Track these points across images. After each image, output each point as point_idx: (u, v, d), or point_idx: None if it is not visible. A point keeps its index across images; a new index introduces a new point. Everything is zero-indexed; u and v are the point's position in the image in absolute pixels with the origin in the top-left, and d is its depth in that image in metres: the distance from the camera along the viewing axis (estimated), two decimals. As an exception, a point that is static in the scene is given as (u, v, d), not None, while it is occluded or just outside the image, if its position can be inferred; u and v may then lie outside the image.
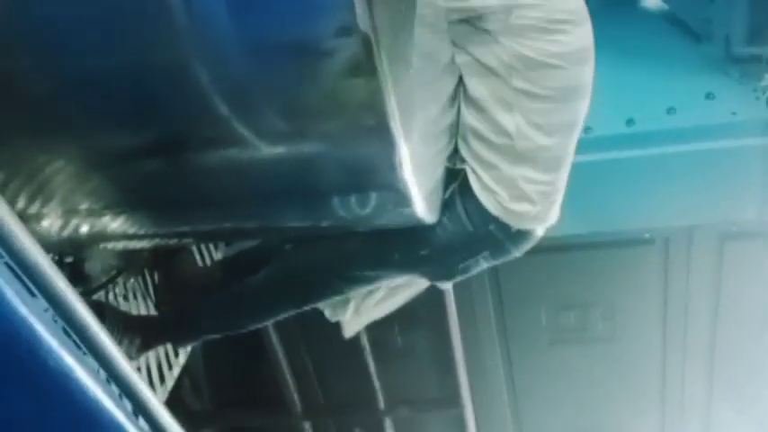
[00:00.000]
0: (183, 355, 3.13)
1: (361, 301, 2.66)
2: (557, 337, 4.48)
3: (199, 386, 4.58)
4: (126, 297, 2.94)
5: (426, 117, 1.84)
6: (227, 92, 1.55)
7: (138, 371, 2.71)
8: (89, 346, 1.30)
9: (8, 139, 1.67)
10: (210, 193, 1.91)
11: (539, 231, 2.33)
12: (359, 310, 2.69)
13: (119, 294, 2.90)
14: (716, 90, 3.41)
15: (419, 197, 1.84)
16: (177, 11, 1.43)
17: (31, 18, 1.48)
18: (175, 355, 3.08)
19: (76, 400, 1.26)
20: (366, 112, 1.57)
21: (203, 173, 1.81)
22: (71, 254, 2.50)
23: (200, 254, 3.35)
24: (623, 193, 3.47)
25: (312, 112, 1.60)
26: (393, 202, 1.85)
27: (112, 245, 2.28)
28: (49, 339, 1.17)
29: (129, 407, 1.40)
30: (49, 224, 1.90)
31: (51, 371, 1.20)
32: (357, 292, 2.57)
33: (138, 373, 1.44)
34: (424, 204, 1.90)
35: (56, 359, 1.19)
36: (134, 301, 2.99)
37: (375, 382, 4.40)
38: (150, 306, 3.03)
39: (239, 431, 4.94)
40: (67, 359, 1.21)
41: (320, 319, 2.70)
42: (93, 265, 2.68)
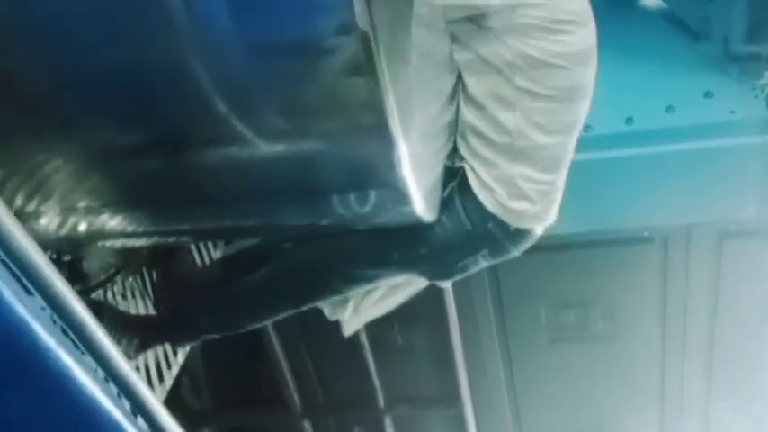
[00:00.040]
0: (182, 355, 3.13)
1: (361, 299, 2.66)
2: (556, 336, 4.48)
3: (198, 385, 4.58)
4: (124, 296, 2.94)
5: (425, 115, 1.84)
6: (225, 90, 1.55)
7: (137, 370, 2.71)
8: (87, 344, 1.29)
9: (6, 136, 1.67)
10: (210, 191, 1.91)
11: (537, 231, 2.33)
12: (358, 308, 2.68)
13: (117, 293, 2.89)
14: (715, 89, 3.41)
15: (418, 195, 1.84)
16: (176, 9, 1.43)
17: (30, 16, 1.48)
18: (174, 354, 3.07)
19: (74, 400, 1.25)
20: (365, 110, 1.56)
21: (202, 171, 1.81)
22: (69, 252, 2.50)
23: (199, 253, 3.35)
24: (622, 192, 3.47)
25: (311, 111, 1.60)
26: (392, 200, 1.85)
27: (111, 243, 2.28)
28: (47, 338, 1.17)
29: (128, 406, 1.39)
30: (47, 222, 1.89)
31: (49, 370, 1.19)
32: (356, 291, 2.56)
33: (137, 373, 1.44)
34: (423, 203, 1.90)
35: (53, 358, 1.18)
36: (132, 300, 2.98)
37: (375, 381, 4.40)
38: (149, 305, 3.03)
39: (239, 430, 4.94)
40: (65, 358, 1.20)
41: (319, 317, 2.70)
42: (92, 263, 2.68)
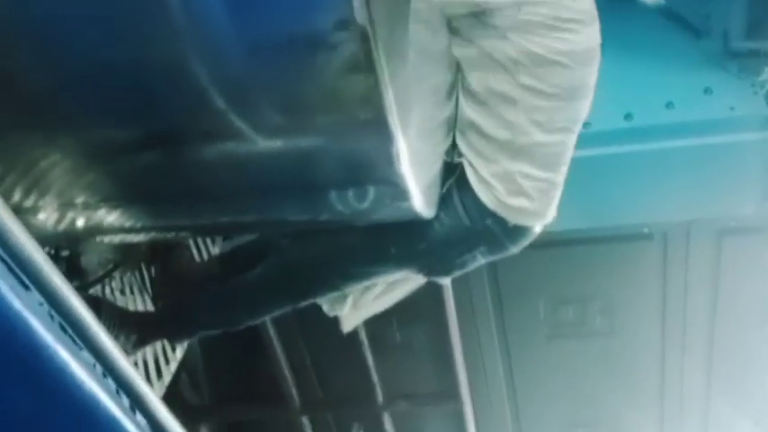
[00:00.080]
0: (180, 350, 3.13)
1: (360, 295, 2.66)
2: (555, 332, 4.47)
3: (197, 381, 4.58)
4: (123, 291, 2.94)
5: (423, 111, 1.84)
6: (224, 86, 1.55)
7: (135, 366, 2.71)
8: (85, 340, 1.29)
9: (3, 132, 1.67)
10: (208, 186, 1.91)
11: (536, 228, 2.33)
12: (357, 304, 2.68)
13: (115, 289, 2.89)
14: (714, 85, 3.41)
15: (417, 191, 1.84)
16: (174, 4, 1.43)
17: (29, 13, 1.49)
18: (173, 350, 3.08)
19: (72, 395, 1.25)
20: (363, 105, 1.57)
21: (201, 167, 1.81)
22: (67, 247, 2.50)
23: (197, 249, 3.35)
24: (622, 188, 3.47)
25: (310, 107, 1.60)
26: (391, 196, 1.85)
27: (109, 238, 2.28)
28: (44, 334, 1.16)
29: (126, 402, 1.40)
30: (46, 217, 1.89)
31: (46, 365, 1.19)
32: (354, 287, 2.56)
33: (136, 369, 1.44)
34: (421, 198, 1.90)
35: (51, 354, 1.18)
36: (131, 296, 2.98)
37: (373, 377, 4.40)
38: (147, 301, 3.03)
39: (237, 426, 4.94)
40: (63, 354, 1.20)
41: (318, 313, 2.70)
42: (90, 258, 2.67)
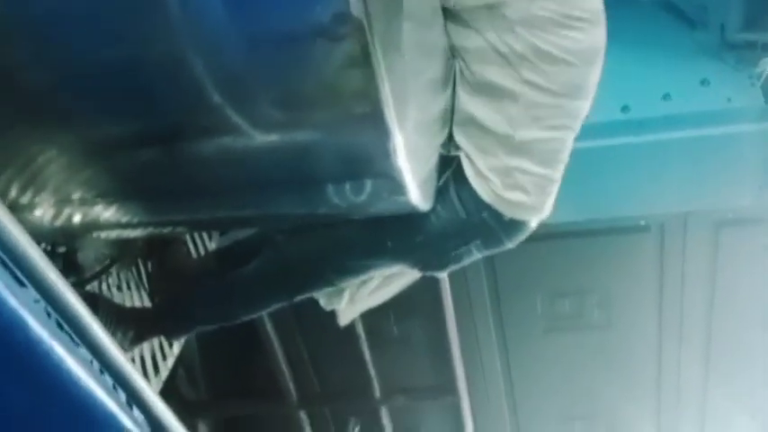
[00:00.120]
0: (177, 346, 3.13)
1: (356, 289, 2.66)
2: (552, 325, 4.48)
3: (194, 376, 4.59)
4: (119, 287, 2.94)
5: (419, 104, 1.83)
6: (220, 80, 1.55)
7: (132, 362, 2.71)
8: (82, 336, 1.29)
9: (0, 129, 1.67)
10: (205, 181, 1.91)
11: (532, 223, 2.32)
12: (354, 298, 2.68)
13: (112, 285, 2.89)
14: (711, 76, 3.41)
15: (413, 184, 1.84)
16: (171, 0, 1.42)
17: (26, 10, 1.48)
18: (170, 345, 3.08)
19: (69, 392, 1.25)
20: (360, 99, 1.56)
21: (197, 161, 1.81)
22: (64, 244, 2.50)
23: (194, 244, 3.34)
24: (619, 180, 3.47)
25: (306, 100, 1.60)
26: (388, 189, 1.85)
27: (106, 234, 2.27)
28: (40, 330, 1.16)
29: (123, 397, 1.40)
30: (42, 213, 1.89)
31: (43, 362, 1.19)
32: (350, 281, 2.56)
33: (132, 364, 1.44)
34: (418, 191, 1.90)
35: (47, 350, 1.18)
36: (128, 292, 2.98)
37: (371, 371, 4.41)
38: (144, 297, 3.03)
39: (235, 421, 4.95)
40: (59, 350, 1.20)
41: (315, 307, 2.70)
42: (87, 254, 2.67)
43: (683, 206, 3.75)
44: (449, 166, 2.21)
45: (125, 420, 1.36)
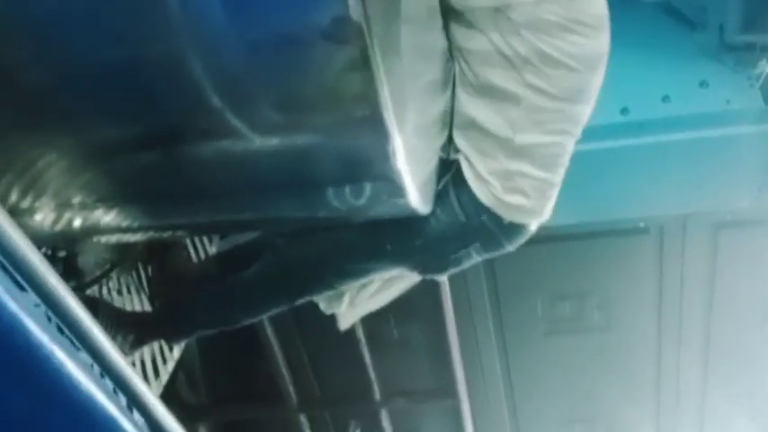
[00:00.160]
0: (178, 350, 3.13)
1: (356, 293, 2.66)
2: (552, 328, 4.48)
3: (194, 380, 4.58)
4: (120, 292, 2.93)
5: (418, 107, 1.83)
6: (220, 83, 1.55)
7: (133, 366, 2.70)
8: (82, 340, 1.29)
9: (-1, 132, 1.67)
10: (204, 185, 1.91)
11: (532, 226, 2.32)
12: (354, 302, 2.68)
13: (112, 289, 2.89)
14: (710, 78, 3.41)
15: (413, 187, 1.83)
16: (170, 3, 1.42)
17: (25, 11, 1.47)
18: (170, 349, 3.07)
19: (69, 396, 1.25)
20: (359, 102, 1.56)
21: (196, 165, 1.81)
22: (64, 248, 2.49)
23: (194, 248, 3.34)
24: (618, 182, 3.47)
25: (305, 104, 1.60)
26: (387, 192, 1.85)
27: (106, 238, 2.27)
28: (40, 335, 1.16)
29: (124, 401, 1.39)
30: (42, 218, 1.89)
31: (43, 366, 1.19)
32: (350, 285, 2.56)
33: (133, 368, 1.44)
34: (418, 194, 1.90)
35: (48, 354, 1.18)
36: (128, 296, 2.98)
37: (371, 374, 4.41)
38: (144, 301, 3.03)
39: (235, 425, 4.95)
40: (60, 354, 1.19)
41: (315, 311, 2.70)
42: (87, 259, 2.67)
43: (682, 208, 3.75)
44: (448, 170, 2.21)
45: (125, 424, 1.36)
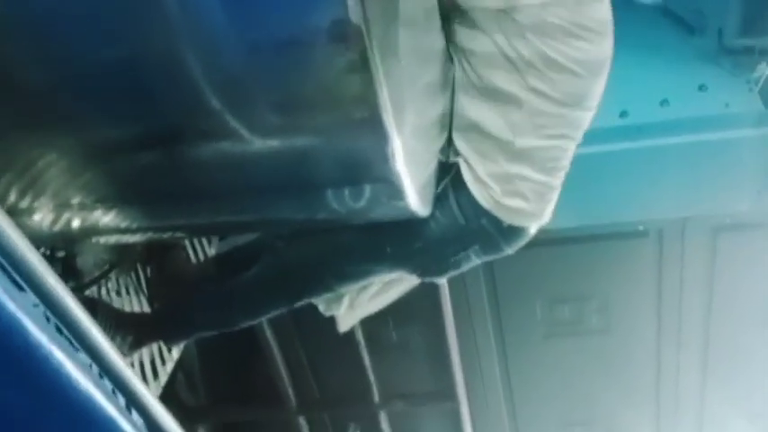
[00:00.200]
0: (177, 351, 3.13)
1: (356, 295, 2.66)
2: (551, 331, 4.47)
3: (193, 381, 4.58)
4: (119, 292, 2.93)
5: (417, 109, 1.84)
6: (219, 85, 1.55)
7: (132, 367, 2.70)
8: (81, 341, 1.29)
9: (-2, 132, 1.67)
10: (203, 186, 1.91)
11: (531, 229, 2.32)
12: (353, 304, 2.68)
13: (111, 290, 2.89)
14: (709, 82, 3.42)
15: (412, 190, 1.83)
16: (169, 3, 1.43)
17: (21, 9, 1.47)
18: (169, 350, 3.07)
19: (68, 396, 1.25)
20: (359, 104, 1.56)
21: (195, 166, 1.81)
22: (63, 248, 2.49)
23: (193, 249, 3.34)
24: (617, 186, 3.47)
25: (305, 106, 1.60)
26: (387, 194, 1.85)
27: (105, 239, 2.27)
28: (39, 335, 1.16)
29: (123, 401, 1.39)
30: (41, 218, 1.89)
31: (42, 367, 1.19)
32: (349, 287, 2.56)
33: (132, 369, 1.44)
34: (417, 197, 1.90)
35: (46, 355, 1.18)
36: (127, 297, 2.98)
37: (370, 377, 4.40)
38: (143, 302, 3.03)
39: (234, 426, 4.94)
40: (58, 355, 1.19)
41: (315, 313, 2.70)
42: (86, 259, 2.67)
43: (681, 211, 3.75)
44: (448, 173, 2.21)
45: (124, 424, 1.36)
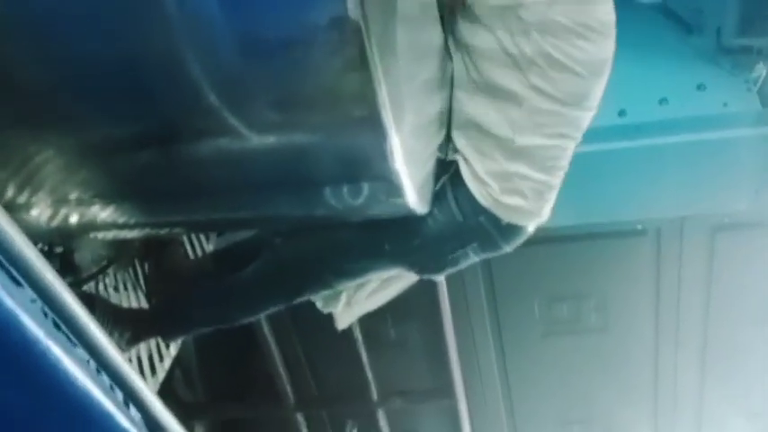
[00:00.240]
0: (175, 347, 3.13)
1: (354, 292, 2.66)
2: (550, 329, 4.48)
3: (191, 378, 4.58)
4: (116, 288, 2.93)
5: (416, 107, 1.84)
6: (218, 82, 1.55)
7: (129, 363, 2.71)
8: (79, 336, 1.29)
9: (-3, 128, 1.67)
10: (202, 183, 1.91)
11: (529, 228, 2.32)
12: (351, 301, 2.68)
13: (109, 285, 2.89)
14: (707, 81, 3.42)
15: (411, 187, 1.83)
16: (168, 1, 1.43)
17: (21, 8, 1.48)
18: (167, 346, 3.07)
19: (66, 391, 1.25)
20: (357, 102, 1.56)
21: (194, 163, 1.81)
22: (61, 244, 2.49)
23: (191, 245, 3.34)
24: (616, 185, 3.48)
25: (303, 103, 1.60)
26: (385, 192, 1.85)
27: (103, 235, 2.27)
28: (37, 330, 1.16)
29: (120, 396, 1.39)
30: (39, 213, 1.89)
31: (40, 362, 1.19)
32: (347, 284, 2.56)
33: (129, 364, 1.44)
34: (415, 194, 1.90)
35: (44, 350, 1.18)
36: (125, 293, 2.98)
37: (368, 374, 4.41)
38: (141, 298, 3.03)
39: (232, 423, 4.95)
40: (56, 350, 1.20)
41: (313, 310, 2.70)
42: (84, 255, 2.67)
43: (679, 210, 3.76)
44: (446, 170, 2.21)
45: (122, 420, 1.36)
